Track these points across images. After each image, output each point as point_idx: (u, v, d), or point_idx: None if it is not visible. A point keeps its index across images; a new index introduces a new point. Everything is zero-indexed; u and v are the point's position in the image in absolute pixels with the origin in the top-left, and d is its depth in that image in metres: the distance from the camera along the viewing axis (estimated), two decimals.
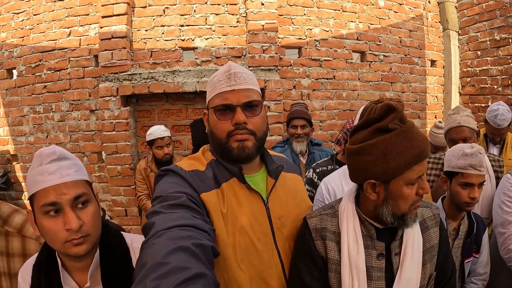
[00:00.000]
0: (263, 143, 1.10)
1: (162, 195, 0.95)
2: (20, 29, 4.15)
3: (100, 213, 1.04)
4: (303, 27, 3.65)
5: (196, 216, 0.89)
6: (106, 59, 3.54)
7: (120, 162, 3.59)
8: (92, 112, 3.82)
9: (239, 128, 1.03)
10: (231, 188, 1.07)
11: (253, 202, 1.08)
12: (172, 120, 3.69)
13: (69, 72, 3.86)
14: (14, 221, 1.40)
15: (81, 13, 3.82)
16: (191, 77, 3.44)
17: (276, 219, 1.09)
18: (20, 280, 1.10)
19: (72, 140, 3.94)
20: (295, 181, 1.24)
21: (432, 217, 1.15)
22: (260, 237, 1.05)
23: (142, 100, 3.68)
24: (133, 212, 3.69)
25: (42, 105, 4.03)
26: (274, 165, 1.16)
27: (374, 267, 1.05)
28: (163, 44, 3.58)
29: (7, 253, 1.37)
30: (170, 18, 3.59)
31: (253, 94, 1.06)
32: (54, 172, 0.93)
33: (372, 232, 1.06)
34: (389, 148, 0.96)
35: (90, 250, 0.97)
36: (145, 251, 0.75)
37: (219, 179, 1.07)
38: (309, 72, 3.67)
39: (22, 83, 4.14)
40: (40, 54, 4.00)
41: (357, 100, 3.81)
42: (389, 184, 0.99)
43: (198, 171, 1.08)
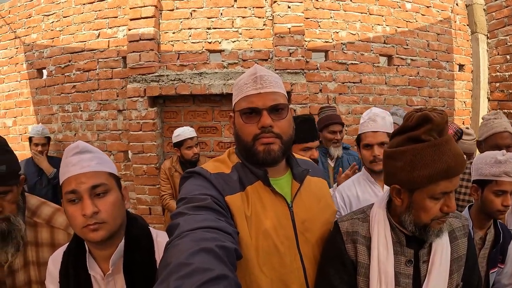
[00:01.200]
0: (289, 146, 1.10)
1: (187, 197, 0.97)
2: (50, 31, 4.29)
3: (123, 205, 1.11)
4: (329, 30, 3.64)
5: (220, 218, 0.90)
6: (134, 60, 3.62)
7: (146, 161, 3.67)
8: (119, 112, 3.92)
9: (265, 132, 1.03)
10: (256, 191, 1.08)
11: (278, 206, 1.08)
12: (198, 122, 3.74)
13: (97, 73, 3.97)
14: (43, 213, 1.48)
15: (110, 15, 3.93)
16: (218, 79, 3.48)
17: (300, 223, 1.09)
18: (50, 265, 1.19)
19: (100, 139, 4.04)
20: (320, 185, 1.24)
21: (461, 227, 1.16)
22: (283, 240, 1.05)
23: (169, 101, 3.74)
24: (157, 211, 3.76)
25: (71, 104, 4.15)
26: (300, 168, 1.16)
27: (402, 274, 1.06)
28: (190, 46, 3.64)
29: (36, 243, 1.44)
30: (197, 21, 3.65)
31: (279, 97, 1.06)
32: (76, 163, 1.04)
33: (402, 238, 1.07)
34: (416, 158, 0.98)
35: (107, 237, 1.03)
36: (169, 251, 0.77)
37: (244, 182, 1.08)
38: (336, 75, 3.66)
39: (52, 83, 4.28)
40: (70, 55, 4.12)
41: (384, 104, 3.76)
42: (413, 193, 1.01)
43: (223, 174, 1.09)
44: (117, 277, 1.10)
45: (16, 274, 1.44)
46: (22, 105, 4.60)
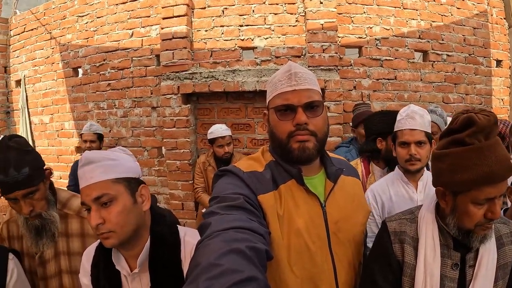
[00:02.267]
0: (323, 144, 1.09)
1: (220, 196, 0.97)
2: (84, 31, 4.43)
3: (135, 209, 1.10)
4: (363, 25, 3.59)
5: (252, 218, 0.90)
6: (167, 58, 3.70)
7: (179, 157, 3.74)
8: (153, 109, 4.01)
9: (300, 129, 1.02)
10: (289, 190, 1.07)
11: (311, 205, 1.07)
12: (232, 119, 3.77)
13: (131, 71, 4.07)
14: (73, 205, 1.54)
15: (143, 15, 4.02)
16: (251, 77, 3.50)
17: (332, 223, 1.08)
18: (84, 258, 1.23)
19: (134, 135, 4.16)
20: (354, 185, 1.22)
21: (509, 234, 1.13)
22: (315, 240, 1.04)
23: (202, 99, 3.80)
24: (189, 206, 3.84)
25: (106, 102, 4.28)
26: (334, 168, 1.14)
27: (448, 277, 1.05)
28: (223, 44, 3.67)
29: (67, 234, 1.49)
30: (229, 18, 3.67)
31: (314, 94, 1.05)
32: (82, 176, 1.08)
33: (449, 241, 1.06)
34: (458, 162, 0.97)
35: (119, 244, 1.07)
36: (199, 251, 0.77)
37: (277, 181, 1.07)
38: (370, 72, 3.61)
39: (87, 81, 4.42)
40: (104, 54, 4.25)
41: (419, 102, 3.68)
42: (457, 196, 1.00)
43: (256, 172, 1.08)
44: (143, 275, 1.13)
45: (47, 264, 1.49)
46: (58, 103, 4.77)
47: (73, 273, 1.49)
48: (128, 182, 1.10)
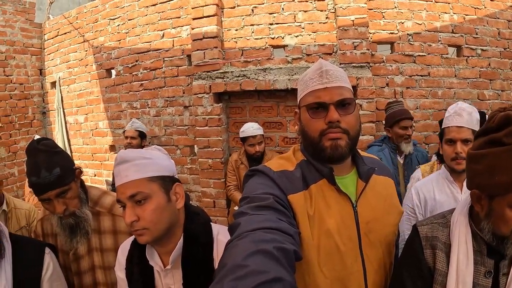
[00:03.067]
0: (356, 143, 1.07)
1: (250, 196, 0.97)
2: (116, 33, 4.58)
3: (168, 207, 1.11)
4: (394, 21, 3.54)
5: (281, 218, 0.89)
6: (198, 58, 3.78)
7: (212, 156, 3.82)
8: (185, 108, 4.10)
9: (332, 127, 1.01)
10: (320, 189, 1.06)
11: (342, 205, 1.05)
12: (264, 117, 3.80)
13: (163, 71, 4.18)
14: (105, 202, 1.58)
15: (173, 16, 4.11)
16: (282, 75, 3.52)
17: (364, 224, 1.06)
18: (119, 253, 1.27)
19: (167, 134, 4.27)
20: (386, 185, 1.20)
21: None
22: (345, 241, 1.03)
23: (234, 97, 3.86)
24: (221, 204, 3.90)
25: (139, 101, 4.41)
26: (365, 167, 1.12)
27: (480, 285, 1.00)
28: (254, 42, 3.71)
29: (99, 231, 1.53)
30: (259, 17, 3.70)
31: (346, 92, 1.04)
32: (117, 174, 1.11)
33: (483, 247, 1.01)
34: (496, 163, 0.91)
35: (152, 240, 1.09)
36: (227, 251, 0.78)
37: (308, 180, 1.07)
38: (403, 68, 3.54)
39: (120, 82, 4.56)
40: (136, 55, 4.38)
41: (453, 99, 3.57)
42: (493, 200, 0.94)
43: (286, 172, 1.08)
44: (176, 271, 1.15)
45: (81, 260, 1.54)
46: (93, 103, 4.95)
47: (106, 268, 1.53)
48: (163, 181, 1.12)
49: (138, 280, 1.17)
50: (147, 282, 1.17)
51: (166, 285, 1.16)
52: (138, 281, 1.17)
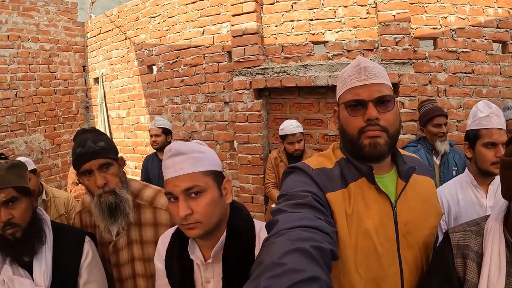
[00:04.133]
0: (395, 141, 1.06)
1: (288, 194, 0.98)
2: (157, 31, 4.75)
3: (221, 201, 1.13)
4: (437, 15, 3.46)
5: (319, 217, 0.89)
6: (239, 54, 3.88)
7: (251, 151, 3.92)
8: (226, 103, 4.23)
9: (371, 124, 1.00)
10: (359, 188, 1.05)
11: (381, 205, 1.04)
12: (304, 114, 3.83)
13: (204, 67, 4.32)
14: (145, 195, 1.60)
15: (212, 13, 4.23)
16: (323, 71, 3.55)
17: (402, 225, 1.04)
18: (159, 244, 1.30)
19: (207, 129, 4.42)
20: (427, 185, 1.17)
21: None
22: (383, 242, 1.02)
23: (274, 94, 3.93)
24: (258, 200, 4.01)
25: (180, 97, 4.58)
26: (406, 166, 1.10)
27: None
28: (294, 38, 3.75)
29: (139, 223, 1.55)
30: (299, 13, 3.72)
31: (385, 88, 1.03)
32: (170, 166, 1.09)
33: None
34: None
35: (203, 234, 1.09)
36: (264, 249, 0.78)
37: (347, 179, 1.06)
38: (446, 65, 3.44)
39: (162, 78, 4.75)
40: (177, 51, 4.54)
41: (498, 98, 3.44)
42: None
43: (325, 169, 1.08)
44: (216, 265, 1.15)
45: (120, 252, 1.56)
46: (134, 98, 5.18)
47: (145, 260, 1.55)
48: (215, 175, 1.13)
49: (178, 272, 1.19)
50: (186, 274, 1.18)
51: (206, 278, 1.18)
52: (177, 273, 1.19)
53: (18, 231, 1.37)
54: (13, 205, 1.37)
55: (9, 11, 5.05)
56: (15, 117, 5.15)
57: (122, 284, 1.59)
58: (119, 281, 1.59)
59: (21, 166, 1.47)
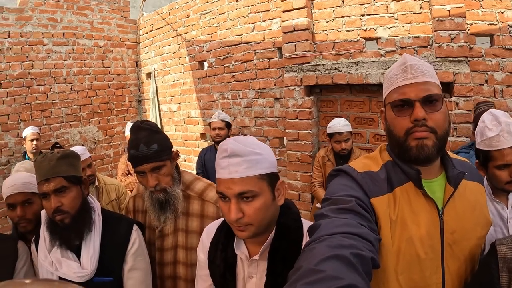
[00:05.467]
0: (444, 143, 1.04)
1: (332, 198, 1.00)
2: (208, 27, 5.08)
3: (273, 205, 1.13)
4: (493, 10, 3.35)
5: (362, 223, 0.91)
6: (289, 51, 4.03)
7: (300, 149, 4.07)
8: (276, 100, 4.46)
9: (418, 125, 0.99)
10: (406, 193, 1.05)
11: (427, 211, 1.03)
12: (355, 112, 3.87)
13: (255, 63, 4.58)
14: (196, 187, 1.72)
15: (262, 9, 4.44)
16: (375, 69, 3.58)
17: (448, 234, 1.03)
18: (204, 235, 1.35)
19: (257, 125, 4.70)
20: (476, 192, 1.14)
21: None
22: (427, 250, 1.01)
23: (325, 91, 4.04)
24: (305, 197, 4.14)
25: (230, 92, 4.90)
26: (455, 171, 1.06)
27: None
28: (345, 35, 3.81)
29: (187, 213, 1.68)
30: (350, 8, 3.76)
31: (432, 87, 1.01)
32: (225, 167, 1.08)
33: None
34: None
35: (252, 236, 1.11)
36: (304, 254, 0.80)
37: (393, 183, 1.06)
38: (503, 64, 3.30)
39: (212, 73, 5.10)
40: (228, 47, 4.84)
41: None
42: None
43: (371, 173, 1.08)
44: (260, 262, 1.18)
45: (166, 238, 1.70)
46: (185, 93, 5.59)
47: (188, 248, 1.67)
48: (270, 178, 1.12)
49: (220, 265, 1.22)
50: (229, 268, 1.21)
51: (249, 273, 1.20)
52: (219, 266, 1.22)
53: (67, 218, 1.49)
54: (62, 194, 1.49)
55: (64, 10, 5.62)
56: (70, 109, 5.77)
57: (162, 268, 1.74)
58: (160, 265, 1.74)
59: (73, 156, 1.59)
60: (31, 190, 1.79)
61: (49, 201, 1.48)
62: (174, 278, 1.72)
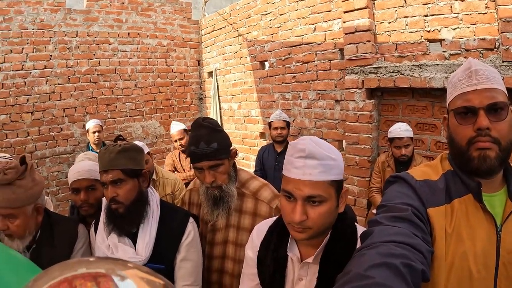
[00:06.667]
0: (508, 155, 1.01)
1: (388, 205, 1.02)
2: (269, 28, 5.39)
3: (335, 211, 1.16)
4: None
5: (416, 233, 0.91)
6: (351, 52, 4.11)
7: (359, 153, 4.16)
8: (337, 102, 4.58)
9: (481, 135, 0.98)
10: (464, 206, 1.03)
11: (485, 227, 1.01)
12: (417, 117, 3.83)
13: (316, 65, 4.76)
14: (251, 186, 1.81)
15: (323, 10, 4.56)
16: (439, 72, 3.50)
17: (505, 253, 0.99)
18: (254, 233, 1.41)
19: (316, 127, 4.88)
20: None
21: None
22: (480, 268, 0.99)
23: (387, 94, 4.05)
24: (361, 203, 4.21)
25: (291, 93, 5.18)
26: None
27: None
28: (408, 36, 3.77)
29: (240, 210, 1.77)
30: (413, 8, 3.70)
31: (498, 94, 0.99)
32: (299, 167, 1.10)
33: None
34: None
35: (309, 239, 1.15)
36: (354, 259, 0.84)
37: (452, 194, 1.05)
38: None
39: (273, 73, 5.41)
40: (289, 48, 5.10)
41: None
42: None
43: (430, 181, 1.08)
44: (312, 265, 1.21)
45: (217, 232, 1.81)
46: (246, 92, 5.99)
47: (237, 245, 1.76)
48: (338, 185, 1.14)
49: (270, 265, 1.26)
50: (279, 268, 1.25)
51: (299, 275, 1.23)
52: (270, 266, 1.26)
53: (121, 208, 1.62)
54: (119, 185, 1.61)
55: (128, 11, 6.25)
56: (134, 104, 6.44)
57: (210, 261, 1.84)
58: (209, 258, 1.84)
59: (134, 149, 1.70)
60: (95, 177, 1.98)
61: (107, 190, 1.62)
62: (221, 272, 1.82)
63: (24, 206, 1.61)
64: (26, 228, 1.64)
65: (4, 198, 1.54)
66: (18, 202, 1.58)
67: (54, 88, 5.67)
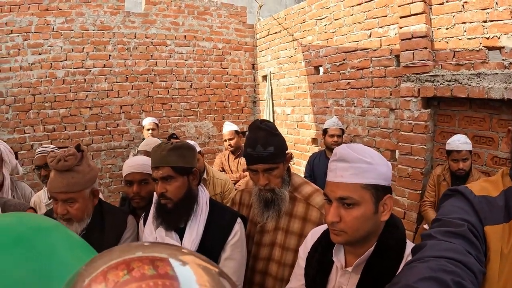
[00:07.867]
0: None
1: (443, 219, 1.01)
2: (324, 33, 5.57)
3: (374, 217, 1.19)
4: None
5: (470, 251, 0.90)
6: (407, 59, 4.11)
7: (412, 164, 4.12)
8: (391, 110, 4.59)
9: None
10: None
11: None
12: (474, 130, 3.73)
13: (371, 71, 4.83)
14: (304, 191, 1.87)
15: (379, 15, 4.61)
16: (498, 82, 3.40)
17: None
18: (309, 236, 1.48)
19: (369, 135, 4.94)
20: None
21: None
22: None
23: (443, 104, 3.99)
24: (411, 217, 4.17)
25: (345, 99, 5.32)
26: None
27: None
28: (466, 43, 3.71)
29: (291, 214, 1.83)
30: (471, 13, 3.63)
31: None
32: (332, 170, 1.21)
33: None
34: None
35: (346, 243, 1.21)
36: (404, 271, 0.86)
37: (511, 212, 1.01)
38: None
39: (328, 79, 5.59)
40: (344, 54, 5.24)
41: None
42: None
43: (489, 197, 1.05)
44: (353, 274, 1.25)
45: (265, 234, 1.87)
46: (300, 97, 6.22)
47: (284, 248, 1.81)
48: (376, 190, 1.17)
49: (315, 268, 1.33)
50: (322, 273, 1.31)
51: (339, 283, 1.28)
52: (314, 269, 1.33)
53: (170, 203, 1.72)
54: (168, 182, 1.71)
55: (185, 15, 6.71)
56: (188, 104, 6.90)
57: (255, 262, 1.91)
58: (254, 259, 1.92)
59: (185, 148, 1.79)
60: (148, 172, 2.08)
61: (157, 185, 1.73)
62: (265, 273, 1.88)
63: (83, 190, 1.78)
64: (85, 211, 1.80)
65: (65, 183, 1.71)
66: (77, 186, 1.74)
67: (112, 85, 6.24)
